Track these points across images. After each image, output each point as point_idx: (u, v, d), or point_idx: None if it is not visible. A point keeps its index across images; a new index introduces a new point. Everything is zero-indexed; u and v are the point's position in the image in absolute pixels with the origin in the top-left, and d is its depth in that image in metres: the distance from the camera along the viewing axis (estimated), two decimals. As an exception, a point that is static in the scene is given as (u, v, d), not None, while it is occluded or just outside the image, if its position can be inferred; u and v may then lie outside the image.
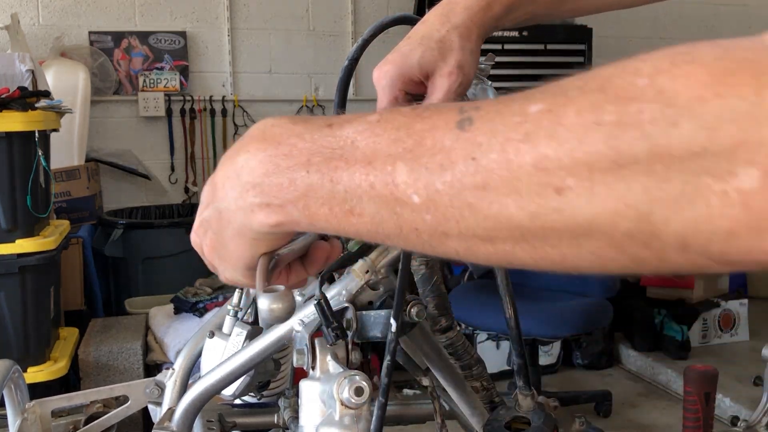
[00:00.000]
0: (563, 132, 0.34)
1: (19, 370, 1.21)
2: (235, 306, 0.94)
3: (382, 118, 0.42)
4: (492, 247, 0.38)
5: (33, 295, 2.58)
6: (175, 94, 4.05)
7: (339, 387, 0.64)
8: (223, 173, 0.50)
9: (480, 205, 0.37)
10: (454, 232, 0.39)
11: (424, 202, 0.39)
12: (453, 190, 0.37)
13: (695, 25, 5.08)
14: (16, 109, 2.47)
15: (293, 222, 0.46)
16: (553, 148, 0.34)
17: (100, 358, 2.83)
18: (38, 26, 3.85)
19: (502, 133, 0.36)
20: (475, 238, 0.38)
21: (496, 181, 0.36)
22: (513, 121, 0.36)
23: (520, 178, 0.35)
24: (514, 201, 0.36)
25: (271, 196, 0.46)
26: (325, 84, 4.28)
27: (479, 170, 0.36)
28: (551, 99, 0.36)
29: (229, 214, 0.50)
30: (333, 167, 0.43)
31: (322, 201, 0.43)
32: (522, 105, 0.37)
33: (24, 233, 2.54)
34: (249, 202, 0.47)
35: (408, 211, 0.40)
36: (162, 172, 4.11)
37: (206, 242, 0.55)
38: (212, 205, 0.52)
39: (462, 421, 0.95)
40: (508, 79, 3.84)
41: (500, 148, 0.36)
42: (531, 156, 0.35)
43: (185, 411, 0.86)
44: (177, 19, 4.06)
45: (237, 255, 0.53)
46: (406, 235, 0.41)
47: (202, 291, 3.15)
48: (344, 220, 0.43)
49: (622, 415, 3.23)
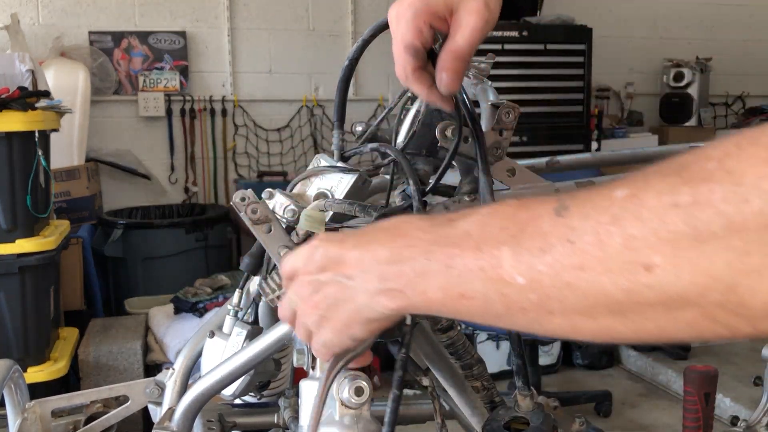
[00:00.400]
0: (646, 213, 0.38)
1: (19, 370, 1.21)
2: (235, 306, 0.94)
3: (493, 210, 0.47)
4: (594, 323, 0.41)
5: (33, 295, 2.58)
6: (175, 94, 4.05)
7: (339, 387, 0.64)
8: (356, 254, 0.53)
9: (578, 283, 0.40)
10: (557, 310, 0.42)
11: (528, 282, 0.42)
12: (553, 271, 0.41)
13: (695, 25, 5.08)
14: (16, 109, 2.47)
15: (411, 306, 0.50)
16: (639, 228, 0.38)
17: (100, 358, 2.83)
18: (38, 26, 3.85)
19: (593, 217, 0.40)
20: (578, 315, 0.41)
21: (591, 261, 0.39)
22: (602, 206, 0.40)
23: (612, 258, 0.39)
24: (608, 279, 0.39)
25: (394, 282, 0.50)
26: (325, 84, 4.28)
27: (575, 252, 0.40)
28: (634, 184, 0.39)
29: (353, 292, 0.54)
30: (449, 254, 0.47)
31: (438, 286, 0.47)
32: (609, 191, 0.40)
33: (24, 233, 2.54)
34: (375, 287, 0.52)
35: (514, 292, 0.43)
36: (162, 172, 4.11)
37: (311, 299, 0.57)
38: (336, 275, 0.55)
39: (462, 421, 0.95)
40: (508, 79, 3.84)
41: (592, 231, 0.40)
42: (620, 237, 0.38)
43: (185, 411, 0.86)
44: (177, 19, 4.06)
45: (347, 327, 0.56)
46: (514, 314, 0.44)
47: (202, 291, 3.15)
48: (457, 303, 0.47)
49: (622, 415, 3.23)
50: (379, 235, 0.53)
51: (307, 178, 0.85)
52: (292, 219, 0.79)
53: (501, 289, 0.44)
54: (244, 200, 0.77)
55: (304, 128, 4.29)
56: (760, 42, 5.22)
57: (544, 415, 0.81)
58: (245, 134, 4.20)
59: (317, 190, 0.84)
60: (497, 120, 0.85)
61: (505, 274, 0.43)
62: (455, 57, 0.69)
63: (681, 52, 4.95)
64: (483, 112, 0.89)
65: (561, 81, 4.07)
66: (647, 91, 4.99)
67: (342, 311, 0.55)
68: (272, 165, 4.26)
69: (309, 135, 4.30)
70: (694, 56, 4.88)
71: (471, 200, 0.86)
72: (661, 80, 4.94)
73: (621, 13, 4.91)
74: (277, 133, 4.26)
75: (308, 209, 0.78)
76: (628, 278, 0.38)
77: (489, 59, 1.02)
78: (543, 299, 0.42)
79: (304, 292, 0.58)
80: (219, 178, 4.20)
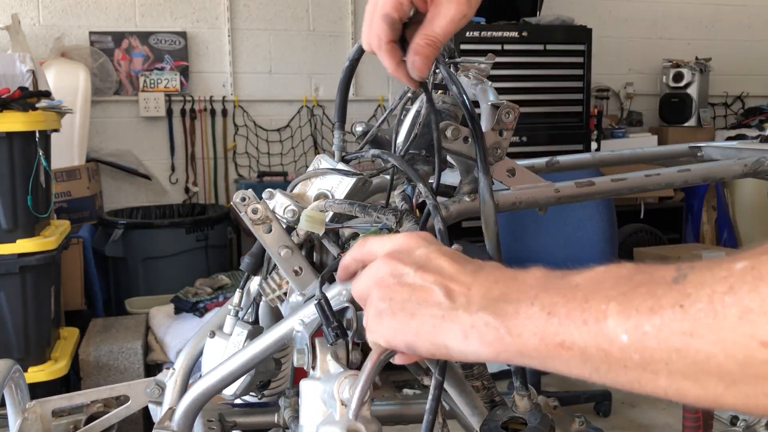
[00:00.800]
0: (765, 287, 0.36)
1: (19, 370, 1.21)
2: (235, 306, 0.94)
3: (608, 269, 0.46)
4: (702, 390, 0.40)
5: (33, 295, 2.58)
6: (176, 95, 4.06)
7: (339, 387, 0.64)
8: (469, 279, 0.53)
9: (687, 350, 0.39)
10: (663, 372, 0.40)
11: (632, 342, 0.41)
12: (661, 334, 0.40)
13: (695, 25, 5.08)
14: (16, 110, 2.47)
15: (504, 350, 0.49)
16: (757, 302, 0.36)
17: (101, 357, 2.83)
18: (39, 26, 3.86)
19: (710, 286, 0.39)
20: (685, 380, 0.40)
21: (703, 328, 0.38)
22: (720, 276, 0.39)
23: (725, 328, 0.37)
24: (721, 349, 0.37)
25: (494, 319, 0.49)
26: (325, 84, 4.28)
27: (686, 317, 0.39)
28: (755, 257, 0.38)
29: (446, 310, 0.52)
30: (553, 302, 0.46)
31: (535, 331, 0.46)
32: (729, 263, 0.39)
33: (24, 233, 2.54)
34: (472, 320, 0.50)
35: (616, 349, 0.42)
36: (162, 172, 4.11)
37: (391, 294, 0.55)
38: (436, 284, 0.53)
39: (462, 420, 0.95)
40: (508, 79, 3.84)
41: (707, 299, 0.38)
42: (736, 308, 0.37)
43: (186, 410, 0.87)
44: (177, 19, 4.06)
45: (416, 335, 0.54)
46: (614, 371, 0.43)
47: (202, 291, 3.15)
48: (554, 351, 0.45)
49: (621, 415, 3.24)
50: (497, 274, 0.52)
51: (308, 179, 0.85)
52: (293, 219, 0.79)
53: (602, 345, 0.42)
54: (245, 200, 0.78)
55: (304, 128, 4.30)
56: (760, 42, 5.23)
57: (542, 415, 0.82)
58: (245, 134, 4.21)
59: (318, 190, 0.84)
60: (497, 120, 0.85)
61: (609, 330, 0.42)
62: (429, 43, 0.70)
63: (680, 53, 4.95)
64: (483, 113, 0.90)
65: (560, 81, 4.07)
66: (647, 91, 5.00)
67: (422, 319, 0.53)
68: (272, 165, 4.26)
69: (309, 135, 4.30)
70: (694, 56, 4.88)
71: (471, 200, 0.86)
72: (660, 80, 4.94)
73: (621, 14, 4.92)
74: (278, 134, 4.26)
75: (308, 209, 0.79)
76: (743, 352, 0.37)
77: (489, 59, 1.02)
78: (648, 360, 0.41)
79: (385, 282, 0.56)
80: (219, 178, 4.20)
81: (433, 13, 0.70)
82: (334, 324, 0.67)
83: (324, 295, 0.69)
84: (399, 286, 0.55)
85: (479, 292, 0.51)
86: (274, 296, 0.83)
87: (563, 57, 4.06)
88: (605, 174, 1.07)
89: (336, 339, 0.67)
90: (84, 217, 3.50)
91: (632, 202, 4.30)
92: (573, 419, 0.90)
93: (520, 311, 0.47)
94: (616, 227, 2.97)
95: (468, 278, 0.53)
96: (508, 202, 0.89)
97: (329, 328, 0.67)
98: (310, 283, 0.78)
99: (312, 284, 0.77)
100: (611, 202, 2.91)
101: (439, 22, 0.69)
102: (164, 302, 3.21)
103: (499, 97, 0.91)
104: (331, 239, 0.80)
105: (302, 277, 0.78)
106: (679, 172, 1.01)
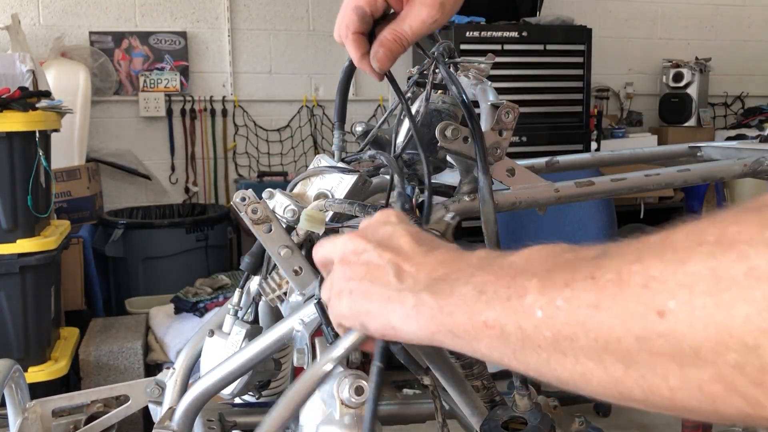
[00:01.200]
0: (670, 253, 0.35)
1: (19, 370, 1.21)
2: (235, 305, 0.94)
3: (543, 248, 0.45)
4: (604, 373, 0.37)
5: (33, 295, 2.58)
6: (176, 95, 4.06)
7: (339, 386, 0.64)
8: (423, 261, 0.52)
9: (590, 323, 0.37)
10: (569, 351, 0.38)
11: (545, 318, 0.39)
12: (570, 306, 0.38)
13: (694, 25, 5.08)
14: (16, 110, 2.47)
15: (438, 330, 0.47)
16: (660, 268, 0.34)
17: (101, 357, 2.84)
18: (39, 26, 3.86)
19: (621, 257, 0.37)
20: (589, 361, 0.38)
21: (607, 300, 0.36)
22: (634, 248, 0.37)
23: (628, 298, 0.35)
24: (621, 322, 0.35)
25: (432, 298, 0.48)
26: (325, 84, 4.28)
27: (594, 288, 0.37)
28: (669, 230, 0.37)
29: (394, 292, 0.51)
30: (485, 281, 0.44)
31: (465, 309, 0.45)
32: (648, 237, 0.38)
33: (24, 233, 2.54)
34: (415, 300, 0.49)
35: (531, 326, 0.40)
36: (162, 172, 4.11)
37: (351, 273, 0.55)
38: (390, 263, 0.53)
39: (462, 420, 0.95)
40: (508, 79, 3.84)
41: (616, 269, 0.37)
42: (640, 276, 0.35)
43: (186, 410, 0.87)
44: (177, 19, 4.06)
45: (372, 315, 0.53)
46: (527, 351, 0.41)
47: (202, 291, 3.15)
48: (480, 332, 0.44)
49: (621, 414, 3.24)
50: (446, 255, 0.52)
51: (308, 179, 0.85)
52: (293, 219, 0.79)
53: (520, 321, 0.41)
54: (245, 200, 0.78)
55: (304, 128, 4.30)
56: (760, 42, 5.23)
57: (542, 415, 0.82)
58: (245, 134, 4.21)
59: (317, 190, 0.84)
60: (497, 120, 0.85)
61: (527, 305, 0.40)
62: (396, 39, 0.71)
63: (680, 53, 4.95)
64: (483, 112, 0.90)
65: (560, 81, 4.07)
66: (646, 91, 5.00)
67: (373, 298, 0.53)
68: (272, 165, 4.26)
69: (309, 135, 4.30)
70: (694, 56, 4.88)
71: (471, 200, 0.86)
72: (660, 80, 4.94)
73: (620, 14, 4.92)
74: (278, 134, 4.26)
75: (308, 209, 0.79)
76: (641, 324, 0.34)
77: (489, 59, 1.02)
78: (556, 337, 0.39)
79: (352, 254, 0.55)
80: (219, 178, 4.20)
81: (406, 12, 0.70)
82: (334, 324, 0.67)
83: (324, 294, 0.69)
84: (358, 265, 0.55)
85: (424, 273, 0.50)
86: (273, 296, 0.83)
87: (563, 57, 4.06)
88: (605, 174, 1.07)
89: (336, 339, 0.67)
90: (84, 217, 3.50)
91: (632, 202, 4.30)
92: (573, 419, 0.90)
93: (455, 291, 0.46)
94: (616, 227, 2.97)
95: (420, 258, 0.52)
96: (508, 202, 0.89)
97: (329, 328, 0.67)
98: (309, 282, 0.78)
99: (312, 284, 0.77)
100: (611, 202, 2.91)
101: (410, 22, 0.70)
102: (164, 302, 3.21)
103: (499, 97, 0.91)
104: (331, 239, 0.80)
105: (302, 276, 0.78)
106: (678, 172, 1.01)
